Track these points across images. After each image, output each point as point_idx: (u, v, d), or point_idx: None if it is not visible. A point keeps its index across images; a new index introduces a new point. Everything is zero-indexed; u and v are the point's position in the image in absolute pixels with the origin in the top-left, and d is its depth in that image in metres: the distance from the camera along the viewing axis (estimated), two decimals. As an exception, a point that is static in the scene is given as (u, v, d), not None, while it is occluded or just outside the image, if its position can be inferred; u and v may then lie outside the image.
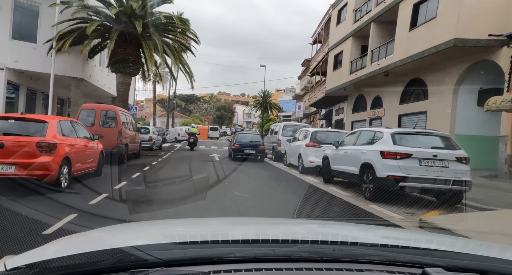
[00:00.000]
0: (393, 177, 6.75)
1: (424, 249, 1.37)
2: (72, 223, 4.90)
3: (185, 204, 6.37)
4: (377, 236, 1.74)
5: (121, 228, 1.92)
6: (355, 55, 21.03)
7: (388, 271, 1.13)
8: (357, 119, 23.00)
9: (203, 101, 78.23)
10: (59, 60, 18.71)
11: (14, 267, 1.06)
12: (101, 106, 13.28)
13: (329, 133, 12.80)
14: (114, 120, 13.11)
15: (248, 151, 17.48)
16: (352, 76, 20.36)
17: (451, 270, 1.11)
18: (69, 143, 7.87)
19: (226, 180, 10.82)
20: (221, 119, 66.87)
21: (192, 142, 23.08)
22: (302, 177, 12.09)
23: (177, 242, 1.31)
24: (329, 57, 25.74)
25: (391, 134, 7.22)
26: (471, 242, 1.88)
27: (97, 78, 22.14)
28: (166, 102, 55.58)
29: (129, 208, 6.10)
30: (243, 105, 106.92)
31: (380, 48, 17.01)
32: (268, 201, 7.83)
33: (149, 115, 70.72)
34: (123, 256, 1.09)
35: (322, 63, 28.33)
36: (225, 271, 1.05)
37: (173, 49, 18.08)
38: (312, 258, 1.18)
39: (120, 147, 13.05)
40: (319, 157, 11.86)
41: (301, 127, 17.64)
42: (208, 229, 1.77)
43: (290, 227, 1.96)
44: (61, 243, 1.47)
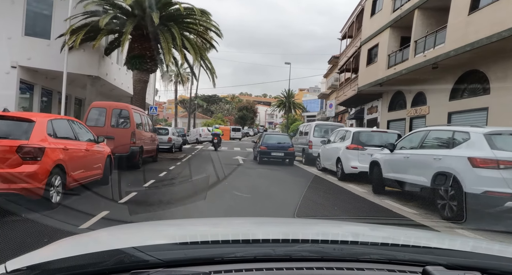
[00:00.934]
0: (494, 193, 4.85)
1: (425, 247, 1.36)
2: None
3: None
4: (377, 234, 1.71)
5: (121, 229, 1.91)
6: (393, 48, 18.95)
7: (388, 269, 1.12)
8: (394, 118, 20.86)
9: (225, 101, 76.95)
10: (73, 57, 17.51)
11: (15, 269, 1.05)
12: (113, 104, 11.84)
13: (375, 134, 10.89)
14: (127, 120, 11.64)
15: (276, 154, 15.74)
16: (390, 71, 18.29)
17: (451, 268, 1.10)
18: (64, 147, 6.34)
19: (257, 190, 9.11)
20: (243, 120, 65.29)
21: (216, 142, 23.30)
22: (343, 184, 10.26)
23: (177, 243, 1.30)
24: (361, 52, 23.69)
25: (485, 135, 5.33)
26: (471, 240, 1.91)
27: (114, 76, 20.91)
28: (187, 103, 54.54)
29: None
30: (265, 106, 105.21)
31: (426, 38, 14.92)
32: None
33: (171, 117, 70.05)
34: (124, 257, 1.08)
35: (353, 59, 26.30)
36: (226, 271, 1.04)
37: (193, 43, 16.54)
38: (313, 257, 1.17)
39: (134, 150, 11.56)
40: (363, 161, 10.00)
41: (335, 127, 15.77)
42: (208, 229, 1.75)
43: (290, 226, 1.95)
44: (61, 244, 1.46)
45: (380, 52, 20.37)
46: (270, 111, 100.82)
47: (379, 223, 6.29)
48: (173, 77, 56.34)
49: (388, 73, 18.77)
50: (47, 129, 6.05)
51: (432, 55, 13.92)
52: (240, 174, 12.21)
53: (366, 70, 22.80)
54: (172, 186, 9.00)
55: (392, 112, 21.50)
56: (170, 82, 57.27)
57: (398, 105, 21.00)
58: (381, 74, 19.70)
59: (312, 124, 16.30)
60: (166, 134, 19.89)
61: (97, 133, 11.44)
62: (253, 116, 71.32)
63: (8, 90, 16.50)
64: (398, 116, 20.37)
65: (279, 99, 60.26)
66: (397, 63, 17.81)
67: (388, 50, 19.23)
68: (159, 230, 1.77)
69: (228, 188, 9.01)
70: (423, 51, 14.92)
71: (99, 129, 11.42)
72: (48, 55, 17.05)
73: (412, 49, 16.01)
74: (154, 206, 6.57)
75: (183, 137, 30.05)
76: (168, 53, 15.01)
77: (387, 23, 19.26)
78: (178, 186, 8.90)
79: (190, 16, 16.87)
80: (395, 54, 18.37)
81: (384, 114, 22.48)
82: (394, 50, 18.85)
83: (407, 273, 1.12)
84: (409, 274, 1.11)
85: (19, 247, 3.67)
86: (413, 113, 18.22)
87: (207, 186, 8.92)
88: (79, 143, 7.23)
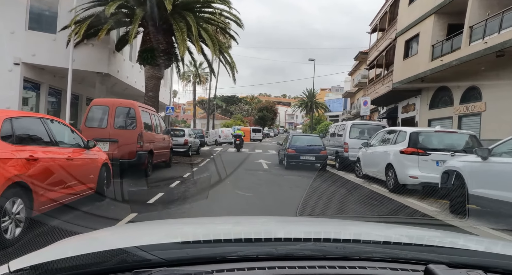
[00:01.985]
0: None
1: (427, 246, 1.35)
2: None
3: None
4: (380, 233, 1.69)
5: (123, 228, 2.05)
6: (438, 37, 16.61)
7: (391, 268, 1.11)
8: (437, 117, 18.44)
9: (244, 102, 75.13)
10: (81, 52, 15.93)
11: (18, 269, 1.05)
12: (116, 101, 10.05)
13: (441, 135, 8.66)
14: (133, 120, 9.82)
15: (306, 158, 13.69)
16: (436, 63, 15.95)
17: (454, 266, 1.09)
18: (29, 157, 4.50)
19: (295, 208, 7.08)
20: (263, 120, 63.25)
21: (239, 143, 23.70)
22: (399, 198, 8.12)
23: (179, 242, 1.29)
24: (397, 44, 21.37)
25: None
26: (474, 239, 1.82)
27: (126, 74, 19.27)
28: (206, 103, 52.97)
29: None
30: (284, 106, 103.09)
31: (487, 21, 12.57)
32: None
33: (190, 118, 68.70)
34: (126, 256, 1.07)
35: (386, 53, 23.95)
36: (228, 270, 1.03)
37: (211, 34, 14.66)
38: (315, 256, 1.17)
39: (141, 155, 9.74)
40: (426, 169, 7.87)
41: (375, 127, 13.61)
42: (210, 229, 1.73)
43: (292, 225, 1.93)
44: (64, 244, 1.45)
45: (422, 43, 18.02)
46: (290, 111, 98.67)
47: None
48: (192, 77, 55.05)
49: (432, 66, 16.44)
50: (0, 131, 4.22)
51: (497, 41, 11.59)
52: (268, 184, 10.21)
53: (403, 64, 20.46)
54: (183, 203, 7.07)
55: (434, 110, 19.09)
56: (189, 82, 56.03)
57: (441, 102, 18.58)
58: (422, 67, 17.36)
59: (347, 124, 14.13)
60: (182, 136, 18.09)
61: (98, 135, 9.68)
62: (273, 117, 69.18)
63: (11, 90, 15.02)
64: (442, 114, 17.96)
65: (300, 99, 57.98)
66: (445, 54, 15.47)
67: (432, 40, 16.88)
68: (162, 229, 1.75)
69: (257, 207, 7.05)
70: (482, 37, 12.57)
71: (100, 131, 9.66)
72: (54, 51, 15.51)
73: (466, 37, 13.66)
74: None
75: (201, 139, 28.31)
76: (183, 43, 13.17)
77: (431, 9, 16.92)
78: (190, 204, 6.98)
79: (207, 3, 15.02)
80: (442, 44, 16.02)
81: (423, 112, 20.07)
82: (439, 39, 16.50)
83: (409, 272, 1.09)
84: (411, 272, 1.09)
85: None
86: (463, 111, 15.81)
87: (228, 204, 6.98)
88: (58, 150, 5.38)
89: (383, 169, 9.28)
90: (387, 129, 10.75)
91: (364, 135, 13.58)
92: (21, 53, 15.06)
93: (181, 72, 26.03)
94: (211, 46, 14.22)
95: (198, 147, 20.40)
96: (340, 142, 14.23)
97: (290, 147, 13.91)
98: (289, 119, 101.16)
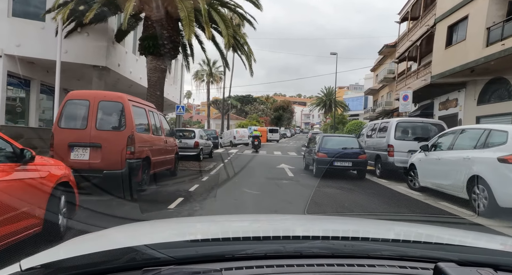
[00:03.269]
0: None
1: (436, 243, 1.34)
2: None
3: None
4: (388, 231, 1.65)
5: (133, 227, 1.89)
6: (495, 18, 13.76)
7: (400, 266, 1.09)
8: (489, 114, 15.55)
9: (260, 102, 72.47)
10: (74, 43, 13.68)
11: (29, 267, 1.05)
12: (99, 94, 7.58)
13: None
14: (122, 119, 7.38)
15: (341, 164, 11.07)
16: (494, 49, 13.11)
17: (464, 264, 1.06)
18: None
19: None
20: (279, 120, 60.44)
21: (257, 144, 23.55)
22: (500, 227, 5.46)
23: (188, 240, 1.29)
24: (437, 31, 18.51)
25: None
26: (484, 236, 1.73)
27: (129, 68, 16.96)
28: (220, 103, 50.57)
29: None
30: (300, 106, 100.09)
31: None
32: None
33: (205, 119, 66.45)
34: (136, 254, 1.07)
35: (421, 43, 21.07)
36: (236, 268, 1.03)
37: (223, 14, 12.17)
38: (323, 254, 1.15)
39: (132, 164, 7.28)
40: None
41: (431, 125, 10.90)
42: (219, 227, 1.72)
43: (300, 223, 1.90)
44: (74, 243, 1.46)
45: (472, 27, 15.15)
46: (306, 111, 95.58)
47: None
48: (205, 76, 52.77)
49: (487, 52, 13.58)
50: None
51: None
52: (300, 200, 7.61)
53: (444, 54, 17.60)
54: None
55: (484, 105, 16.17)
56: (202, 82, 53.77)
57: (495, 96, 15.66)
58: (472, 55, 14.50)
59: (391, 122, 11.38)
60: (192, 138, 15.65)
61: (75, 139, 7.25)
62: (290, 117, 66.34)
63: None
64: (496, 110, 15.05)
65: (318, 97, 55.06)
66: (507, 37, 12.62)
67: (486, 22, 14.01)
68: (170, 227, 1.74)
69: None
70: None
71: (78, 134, 7.27)
72: (43, 41, 13.24)
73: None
74: None
75: (214, 140, 25.90)
76: (189, 26, 10.69)
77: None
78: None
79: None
80: (502, 25, 13.16)
81: (470, 108, 17.15)
82: (497, 21, 13.65)
83: (418, 270, 1.08)
84: (420, 270, 1.08)
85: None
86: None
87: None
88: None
89: (462, 182, 6.59)
90: (461, 128, 8.01)
91: (413, 136, 10.87)
92: (3, 43, 12.86)
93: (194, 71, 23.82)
94: (223, 30, 11.70)
95: (211, 149, 17.93)
96: (382, 144, 11.54)
97: (321, 150, 11.30)
98: (305, 119, 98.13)
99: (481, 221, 5.82)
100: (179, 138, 15.41)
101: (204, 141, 16.76)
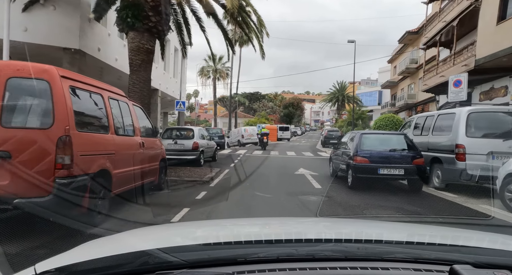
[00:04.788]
0: None
1: (451, 245, 1.29)
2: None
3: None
4: (402, 233, 1.61)
5: (146, 230, 1.88)
6: None
7: (414, 269, 1.06)
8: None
9: (268, 99, 69.07)
10: (36, 18, 10.65)
11: (44, 271, 1.04)
12: (10, 65, 4.48)
13: None
14: (47, 108, 4.26)
15: (389, 171, 7.86)
16: None
17: (480, 266, 1.03)
18: None
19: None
20: (289, 117, 57.04)
21: (265, 142, 23.11)
22: None
23: (201, 244, 1.27)
24: (483, 5, 15.14)
25: None
26: (500, 237, 1.60)
27: (114, 55, 13.88)
28: (227, 100, 47.42)
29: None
30: (308, 103, 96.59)
31: None
32: None
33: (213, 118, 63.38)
34: (149, 258, 1.06)
35: (458, 22, 17.67)
36: (248, 272, 1.01)
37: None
38: (336, 257, 1.12)
39: (67, 185, 4.17)
40: None
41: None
42: (231, 230, 1.70)
43: (313, 226, 1.86)
44: (88, 246, 1.43)
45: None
46: (316, 108, 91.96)
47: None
48: (211, 73, 49.71)
49: None
50: None
51: None
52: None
53: (495, 31, 14.23)
54: None
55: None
56: (208, 79, 50.70)
57: None
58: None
59: (459, 112, 8.00)
60: (190, 138, 12.51)
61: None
62: (300, 114, 62.90)
63: None
64: None
65: (330, 93, 51.54)
66: None
67: None
68: (183, 231, 1.72)
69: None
70: None
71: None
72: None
73: None
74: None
75: (220, 140, 22.78)
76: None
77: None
78: None
79: None
80: None
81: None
82: None
83: (433, 272, 1.04)
84: (435, 273, 1.04)
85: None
86: None
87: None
88: None
89: None
90: None
91: (496, 132, 7.58)
92: None
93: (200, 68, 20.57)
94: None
95: (214, 151, 14.79)
96: (443, 143, 8.27)
97: (360, 154, 8.08)
98: (315, 117, 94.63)
99: None
100: (174, 139, 12.34)
101: (206, 141, 13.63)
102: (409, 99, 28.95)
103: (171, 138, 12.30)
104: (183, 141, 12.27)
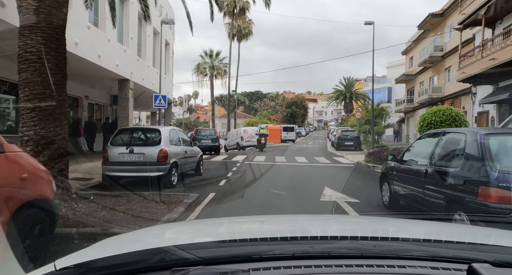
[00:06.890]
0: None
1: (470, 243, 1.23)
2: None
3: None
4: (419, 230, 1.54)
5: (162, 228, 1.88)
6: None
7: (431, 267, 1.02)
8: None
9: (270, 98, 64.41)
10: None
11: (63, 267, 1.04)
12: None
13: None
14: None
15: None
16: None
17: (499, 265, 0.98)
18: None
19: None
20: (292, 117, 52.35)
21: (263, 143, 21.97)
22: None
23: (216, 241, 1.27)
24: None
25: None
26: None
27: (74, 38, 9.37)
28: (226, 99, 42.85)
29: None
30: (311, 103, 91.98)
31: None
32: None
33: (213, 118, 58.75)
34: (165, 255, 1.06)
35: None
36: (264, 269, 1.00)
37: None
38: (352, 254, 1.09)
39: None
40: None
41: None
42: (246, 227, 1.67)
43: (328, 223, 1.79)
44: (106, 244, 1.42)
45: None
46: (319, 108, 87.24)
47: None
48: (208, 70, 45.18)
49: None
50: None
51: None
52: None
53: None
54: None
55: None
56: (205, 76, 46.19)
57: None
58: None
59: None
60: (155, 144, 7.88)
61: None
62: (304, 113, 58.20)
63: None
64: None
65: (337, 90, 46.87)
66: None
67: None
68: (199, 228, 1.71)
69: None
70: None
71: None
72: None
73: None
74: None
75: (213, 143, 18.21)
76: None
77: None
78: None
79: None
80: None
81: None
82: None
83: (451, 271, 1.00)
84: (453, 271, 1.00)
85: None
86: None
87: None
88: None
89: None
90: None
91: None
92: None
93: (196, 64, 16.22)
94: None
95: (198, 162, 10.06)
96: None
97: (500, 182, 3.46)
98: (318, 117, 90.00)
99: None
100: (129, 146, 7.79)
101: (183, 148, 8.97)
102: (433, 93, 24.37)
103: (124, 145, 7.72)
104: (143, 149, 7.69)
